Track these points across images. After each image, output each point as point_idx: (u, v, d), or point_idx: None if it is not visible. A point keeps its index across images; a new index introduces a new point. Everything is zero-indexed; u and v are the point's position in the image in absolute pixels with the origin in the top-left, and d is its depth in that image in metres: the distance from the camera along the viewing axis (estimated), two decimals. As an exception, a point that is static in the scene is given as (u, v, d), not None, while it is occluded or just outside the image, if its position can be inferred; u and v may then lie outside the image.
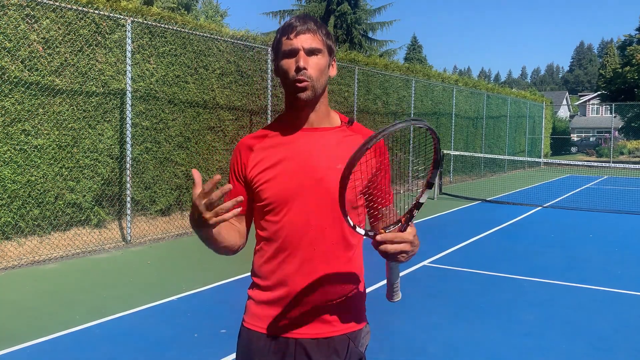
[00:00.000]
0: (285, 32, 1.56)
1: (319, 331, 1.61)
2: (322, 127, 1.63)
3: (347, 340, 1.63)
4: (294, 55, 1.54)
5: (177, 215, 8.87)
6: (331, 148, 1.60)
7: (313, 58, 1.55)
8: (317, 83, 1.56)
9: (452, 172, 17.62)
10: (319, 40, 1.56)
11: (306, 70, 1.53)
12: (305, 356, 1.60)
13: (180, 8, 26.20)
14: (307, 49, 1.54)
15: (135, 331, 4.31)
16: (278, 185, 1.58)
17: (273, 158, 1.60)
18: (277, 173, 1.59)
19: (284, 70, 1.56)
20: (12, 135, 6.57)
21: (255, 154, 1.63)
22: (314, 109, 1.61)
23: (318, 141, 1.61)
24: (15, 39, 6.57)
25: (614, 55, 47.68)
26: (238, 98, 9.73)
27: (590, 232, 8.88)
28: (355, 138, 1.64)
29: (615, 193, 14.70)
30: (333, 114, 1.68)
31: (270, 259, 1.62)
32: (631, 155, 35.66)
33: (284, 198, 1.58)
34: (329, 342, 1.61)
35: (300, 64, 1.52)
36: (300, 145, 1.60)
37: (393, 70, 14.90)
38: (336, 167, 1.56)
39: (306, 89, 1.54)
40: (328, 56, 1.60)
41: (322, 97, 1.61)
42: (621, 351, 4.02)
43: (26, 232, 6.86)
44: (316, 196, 1.57)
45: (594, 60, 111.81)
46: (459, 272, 6.30)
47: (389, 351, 3.95)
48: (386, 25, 31.66)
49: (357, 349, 1.65)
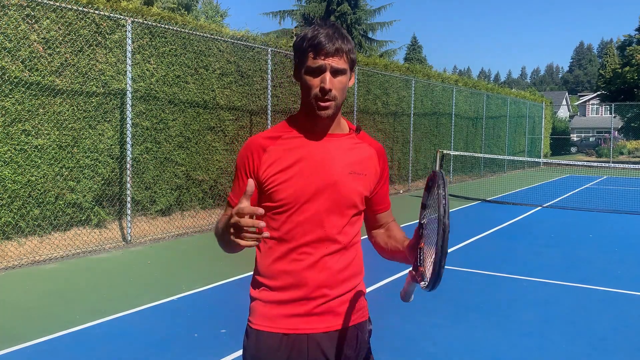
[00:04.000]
0: (313, 49, 1.57)
1: (330, 324, 1.67)
2: (336, 133, 1.70)
3: (356, 330, 1.72)
4: (319, 74, 1.58)
5: (177, 215, 8.87)
6: (344, 154, 1.68)
7: (338, 78, 1.59)
8: (340, 101, 1.62)
9: (452, 172, 17.63)
10: (344, 61, 1.60)
11: (331, 92, 1.58)
12: (318, 350, 1.66)
13: (181, 8, 26.21)
14: (334, 69, 1.58)
15: (135, 331, 4.31)
16: (294, 186, 1.63)
17: (289, 160, 1.64)
18: (292, 175, 1.63)
19: (308, 85, 1.60)
20: (12, 135, 6.58)
21: (269, 154, 1.65)
22: (332, 120, 1.67)
23: (332, 147, 1.67)
24: (15, 39, 6.57)
25: (614, 56, 47.65)
26: (238, 98, 9.74)
27: (590, 232, 8.88)
28: (363, 146, 1.74)
29: (615, 193, 14.70)
30: (342, 121, 1.75)
31: (280, 258, 1.66)
32: (631, 155, 35.67)
33: (299, 199, 1.63)
34: (340, 333, 1.68)
35: (327, 85, 1.57)
36: (315, 150, 1.65)
37: (393, 71, 14.91)
38: (348, 173, 1.66)
39: (329, 108, 1.60)
40: (349, 71, 1.65)
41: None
42: (621, 351, 4.02)
43: (26, 232, 6.86)
44: (330, 199, 1.64)
45: (593, 61, 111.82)
46: (459, 272, 6.30)
47: (389, 351, 3.95)
48: (386, 26, 31.67)
49: (365, 338, 1.74)
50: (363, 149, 1.73)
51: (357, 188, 1.68)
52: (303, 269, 1.63)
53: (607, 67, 43.84)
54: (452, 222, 1.41)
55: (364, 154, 1.72)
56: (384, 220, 1.83)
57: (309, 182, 1.62)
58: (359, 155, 1.70)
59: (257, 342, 1.67)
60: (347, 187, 1.66)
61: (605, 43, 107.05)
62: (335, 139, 1.68)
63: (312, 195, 1.63)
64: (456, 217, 10.46)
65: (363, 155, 1.72)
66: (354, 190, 1.67)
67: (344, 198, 1.65)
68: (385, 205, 1.82)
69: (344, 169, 1.66)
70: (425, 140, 16.29)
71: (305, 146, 1.65)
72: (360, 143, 1.73)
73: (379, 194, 1.78)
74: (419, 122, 15.79)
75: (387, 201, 1.83)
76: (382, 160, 1.77)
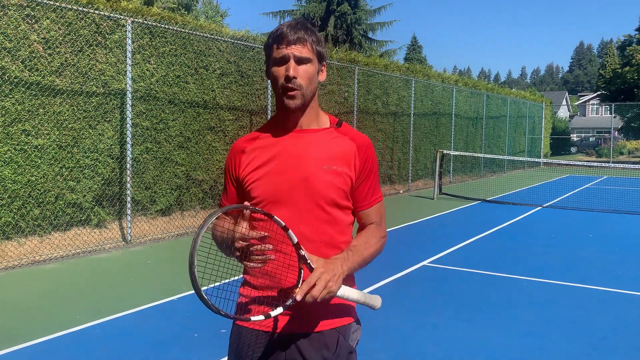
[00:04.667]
0: (276, 40, 1.62)
1: (308, 326, 1.64)
2: (311, 128, 1.69)
3: (337, 334, 1.67)
4: (284, 63, 1.61)
5: (177, 215, 8.88)
6: (319, 148, 1.66)
7: (302, 67, 1.61)
8: (307, 91, 1.62)
9: (452, 172, 17.63)
10: (308, 50, 1.62)
11: (296, 79, 1.59)
12: (296, 351, 1.63)
13: (181, 8, 26.21)
14: (297, 58, 1.60)
15: (135, 331, 4.31)
16: (267, 183, 1.64)
17: (263, 158, 1.67)
18: (266, 172, 1.65)
19: (274, 76, 1.63)
20: (12, 135, 6.58)
21: (247, 155, 1.70)
22: (303, 112, 1.67)
23: (306, 142, 1.66)
24: (15, 39, 6.57)
25: (614, 56, 47.65)
26: (238, 98, 9.74)
27: (590, 232, 8.88)
28: (342, 140, 1.70)
29: (615, 193, 14.70)
30: (323, 116, 1.74)
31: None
32: (631, 155, 35.67)
33: (273, 196, 1.63)
34: (319, 336, 1.64)
35: (290, 73, 1.59)
36: (289, 146, 1.66)
37: (393, 71, 14.90)
38: (322, 168, 1.63)
39: (295, 97, 1.61)
40: (317, 63, 1.66)
41: (312, 101, 1.67)
42: (621, 351, 4.02)
43: (26, 232, 6.86)
44: (304, 195, 1.62)
45: (593, 61, 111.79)
46: (459, 272, 6.30)
47: (389, 351, 3.95)
48: (386, 26, 31.65)
49: (347, 342, 1.68)
50: (342, 143, 1.68)
51: (333, 183, 1.63)
52: (279, 268, 1.61)
53: (607, 67, 43.83)
54: (451, 222, 1.41)
55: (342, 147, 1.67)
56: (364, 219, 1.75)
57: (282, 179, 1.62)
58: (336, 149, 1.66)
59: (238, 338, 1.69)
60: (322, 182, 1.62)
61: (605, 43, 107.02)
62: (311, 134, 1.67)
63: (287, 192, 1.62)
64: (456, 217, 10.46)
65: (341, 148, 1.67)
66: (329, 185, 1.62)
67: (319, 194, 1.61)
68: (366, 203, 1.72)
69: (317, 163, 1.63)
70: (425, 140, 16.29)
71: (279, 143, 1.66)
72: (339, 137, 1.69)
73: (359, 190, 1.69)
74: (419, 122, 15.79)
75: (369, 198, 1.73)
76: (363, 154, 1.68)
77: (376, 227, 1.75)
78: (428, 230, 8.87)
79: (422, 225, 9.33)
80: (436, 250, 7.31)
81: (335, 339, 1.65)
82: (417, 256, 6.93)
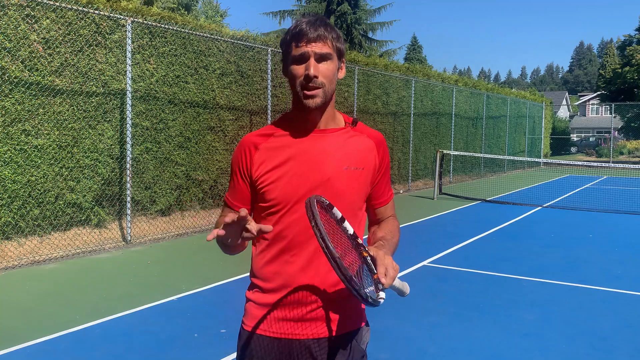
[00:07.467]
0: (295, 38, 1.54)
1: (322, 331, 1.61)
2: (329, 128, 1.63)
3: (350, 338, 1.65)
4: (304, 61, 1.54)
5: (177, 215, 8.87)
6: (337, 149, 1.61)
7: (323, 64, 1.54)
8: (328, 89, 1.56)
9: (452, 172, 17.63)
10: (329, 47, 1.55)
11: (317, 78, 1.53)
12: (309, 356, 1.61)
13: (180, 8, 26.21)
14: (318, 55, 1.53)
15: (135, 331, 4.31)
16: (285, 186, 1.58)
17: (279, 158, 1.59)
18: (283, 173, 1.58)
19: (293, 75, 1.56)
20: (12, 135, 6.58)
21: (261, 152, 1.61)
22: (322, 112, 1.61)
23: (325, 143, 1.61)
24: (15, 39, 6.57)
25: (614, 56, 47.69)
26: (238, 98, 9.73)
27: (590, 232, 8.88)
28: (360, 138, 1.66)
29: (615, 193, 14.70)
30: (338, 115, 1.68)
31: (272, 260, 1.62)
32: (631, 155, 35.66)
33: (291, 199, 1.58)
34: (332, 341, 1.62)
35: (311, 72, 1.52)
36: (307, 147, 1.60)
37: (393, 71, 14.90)
38: (343, 169, 1.59)
39: (315, 96, 1.54)
40: (337, 60, 1.59)
41: (331, 100, 1.62)
42: (621, 351, 4.02)
43: (26, 232, 6.86)
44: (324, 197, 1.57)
45: (593, 61, 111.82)
46: (459, 272, 6.30)
47: (389, 351, 3.95)
48: (386, 26, 31.63)
49: (360, 346, 1.67)
50: (360, 141, 1.65)
51: (355, 184, 1.61)
52: (294, 272, 1.58)
53: (607, 67, 43.86)
54: (451, 222, 1.40)
55: (360, 146, 1.64)
56: (382, 214, 1.75)
57: (300, 182, 1.57)
58: (355, 148, 1.63)
59: (248, 344, 1.65)
60: (343, 183, 1.59)
61: (605, 43, 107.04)
62: (329, 134, 1.62)
63: (304, 195, 1.56)
64: (456, 217, 10.46)
65: (360, 147, 1.64)
66: (350, 186, 1.60)
67: (340, 196, 1.58)
68: (385, 198, 1.73)
69: (338, 164, 1.59)
70: (425, 140, 16.29)
71: (297, 144, 1.60)
72: (356, 135, 1.66)
73: (377, 186, 1.69)
74: (419, 122, 15.79)
75: (386, 194, 1.74)
76: (382, 150, 1.68)
77: (394, 218, 1.77)
78: (428, 230, 8.87)
79: (422, 225, 9.33)
80: (436, 250, 7.31)
81: (348, 343, 1.64)
82: (417, 256, 6.92)
